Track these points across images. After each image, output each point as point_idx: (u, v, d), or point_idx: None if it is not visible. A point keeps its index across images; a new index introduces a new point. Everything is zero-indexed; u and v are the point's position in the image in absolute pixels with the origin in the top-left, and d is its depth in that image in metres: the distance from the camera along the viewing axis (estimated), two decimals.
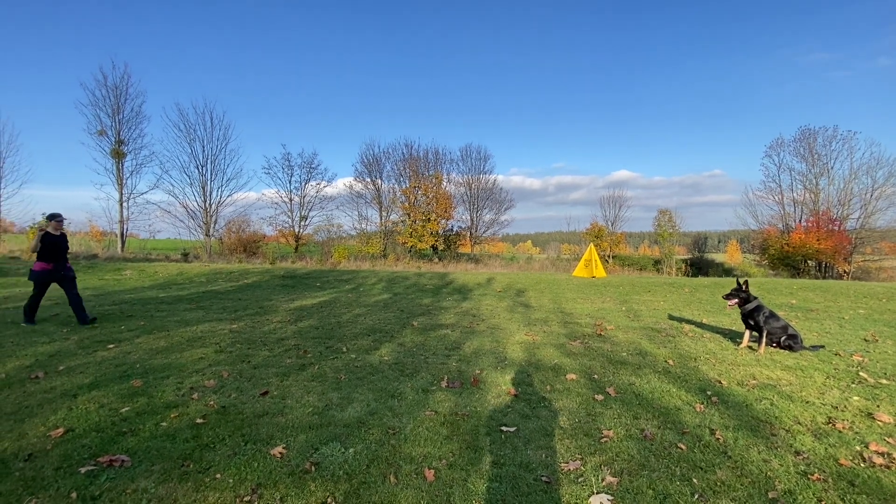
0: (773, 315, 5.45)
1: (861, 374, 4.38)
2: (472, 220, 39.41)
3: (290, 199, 31.61)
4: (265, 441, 3.08)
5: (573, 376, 4.40)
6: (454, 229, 36.73)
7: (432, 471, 2.71)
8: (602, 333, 6.36)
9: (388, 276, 15.55)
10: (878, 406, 3.59)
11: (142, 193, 27.12)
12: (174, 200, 26.61)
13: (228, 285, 11.74)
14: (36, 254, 6.12)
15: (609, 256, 37.18)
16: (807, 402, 3.68)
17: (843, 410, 3.53)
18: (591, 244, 17.74)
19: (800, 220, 32.66)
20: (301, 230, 31.59)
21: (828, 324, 7.04)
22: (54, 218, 6.15)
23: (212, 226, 26.70)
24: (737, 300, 5.61)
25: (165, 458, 2.85)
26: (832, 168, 31.04)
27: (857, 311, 8.16)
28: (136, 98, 23.56)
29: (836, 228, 30.30)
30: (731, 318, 7.39)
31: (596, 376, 4.42)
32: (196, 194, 26.67)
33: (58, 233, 6.22)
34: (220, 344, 5.57)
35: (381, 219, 34.12)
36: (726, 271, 35.02)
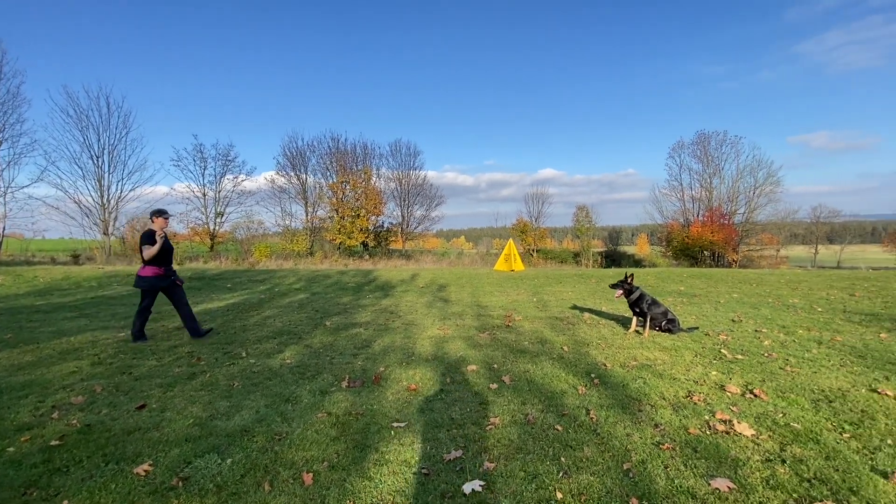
0: (655, 302, 5.98)
1: (723, 351, 4.96)
2: (403, 215, 39.29)
3: (204, 194, 29.40)
4: (130, 459, 2.83)
5: (474, 367, 4.53)
6: (385, 225, 36.33)
7: (311, 474, 2.65)
8: (510, 324, 6.62)
9: (308, 274, 15.06)
10: (730, 379, 4.09)
11: (22, 187, 23.82)
12: (64, 195, 23.59)
13: (124, 290, 10.67)
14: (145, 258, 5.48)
15: (534, 250, 38.85)
16: (674, 379, 4.10)
17: (701, 385, 3.97)
18: (510, 239, 18.43)
19: (697, 215, 36.42)
20: (217, 227, 29.50)
21: (706, 307, 7.89)
22: (161, 214, 5.62)
23: (111, 224, 24.02)
24: (622, 291, 6.09)
25: (4, 488, 2.51)
26: (723, 168, 34.98)
27: (731, 296, 9.24)
28: (12, 78, 20.57)
29: (727, 222, 34.21)
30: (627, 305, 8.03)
31: (496, 366, 4.59)
32: (91, 189, 23.89)
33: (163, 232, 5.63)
34: (99, 356, 5.05)
35: (307, 215, 32.86)
36: (636, 262, 38.13)
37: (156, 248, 5.57)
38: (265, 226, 31.66)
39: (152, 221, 5.76)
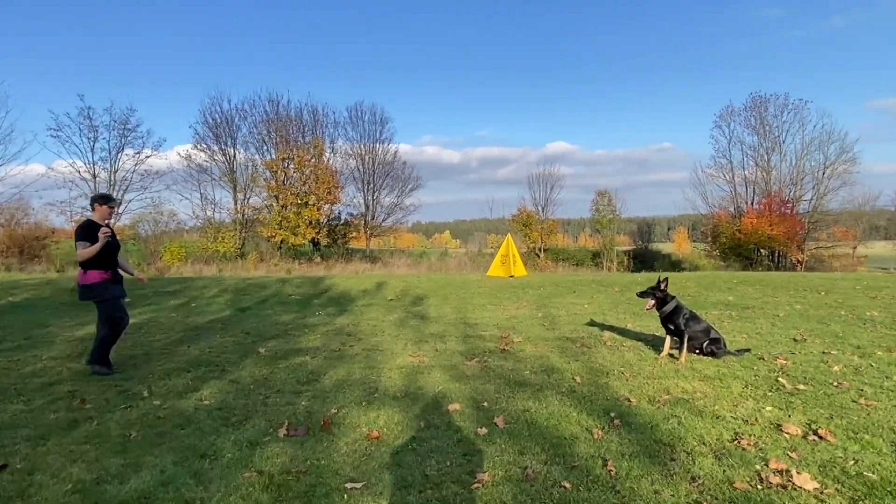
0: (693, 317, 6.10)
1: (780, 379, 5.09)
2: (366, 204, 39.16)
3: (94, 175, 28.82)
4: None
5: (458, 406, 4.55)
6: (342, 217, 36.30)
7: None
8: (507, 348, 6.74)
9: (237, 284, 14.96)
10: (789, 416, 4.19)
11: None
12: None
13: None
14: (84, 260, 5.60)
15: (540, 250, 39.25)
16: (717, 418, 4.19)
17: (752, 424, 4.06)
18: (509, 235, 18.57)
19: (751, 203, 37.31)
20: (112, 221, 28.97)
21: (760, 323, 8.10)
22: (106, 202, 5.79)
23: None
24: (653, 301, 6.19)
25: None
26: (783, 142, 35.81)
27: (793, 307, 9.50)
28: None
29: (789, 212, 35.03)
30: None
31: (486, 404, 4.62)
32: None
33: (106, 223, 5.84)
34: None
35: (236, 203, 32.55)
36: (673, 264, 38.91)
37: (96, 247, 5.58)
38: (179, 219, 31.22)
39: (93, 210, 5.78)
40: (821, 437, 3.79)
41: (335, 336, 7.91)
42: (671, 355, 6.12)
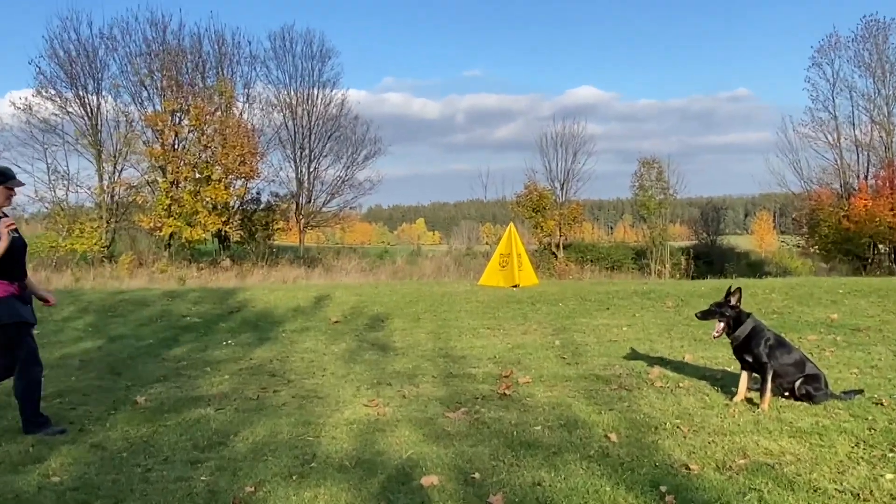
0: (781, 344, 6.21)
1: None
2: (299, 179, 39.06)
3: None
4: None
5: (435, 480, 4.56)
6: (263, 199, 36.21)
7: None
8: (508, 392, 6.84)
9: (103, 301, 14.88)
10: None
11: None
12: None
13: None
14: None
15: (558, 246, 39.56)
16: (815, 490, 4.26)
17: (866, 500, 4.14)
18: (511, 225, 18.67)
19: (865, 176, 38.04)
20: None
21: (879, 351, 8.28)
22: (5, 179, 5.92)
23: None
24: (722, 323, 6.28)
25: None
26: None
27: None
28: None
29: None
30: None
31: (477, 475, 4.64)
32: None
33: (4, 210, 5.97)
34: None
35: (101, 179, 32.19)
36: (753, 266, 39.61)
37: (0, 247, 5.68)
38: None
39: None
40: None
41: (252, 377, 7.86)
42: (749, 400, 6.20)
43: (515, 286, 16.36)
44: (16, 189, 6.00)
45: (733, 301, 6.26)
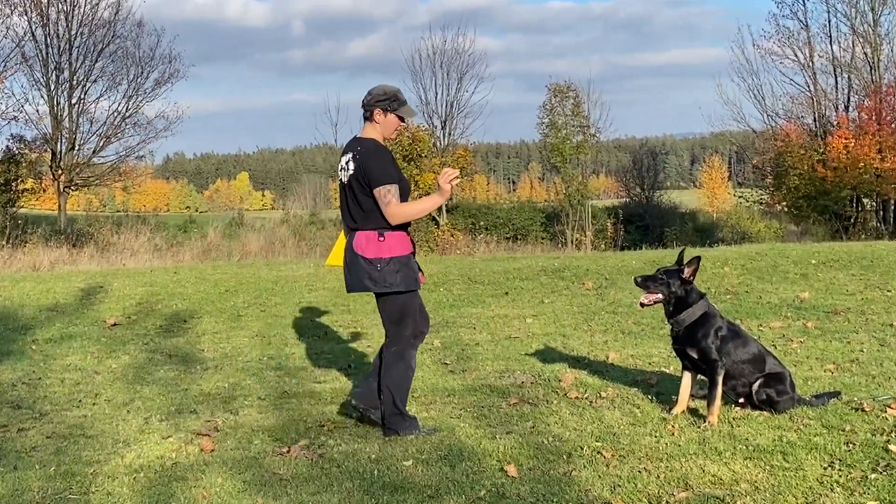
0: (735, 334, 6.43)
1: (892, 447, 5.49)
2: (56, 116, 37.45)
3: None
4: None
5: None
6: (0, 146, 34.68)
7: None
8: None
9: None
10: None
11: None
12: None
13: None
14: None
15: (439, 208, 39.64)
16: None
17: None
18: None
19: (845, 108, 39.75)
20: None
21: (860, 340, 8.70)
22: (398, 106, 6.73)
23: None
24: (659, 295, 6.41)
25: None
26: None
27: None
28: None
29: None
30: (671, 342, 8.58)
31: None
32: None
33: None
34: None
35: None
36: (701, 231, 41.04)
37: None
38: None
39: None
40: None
41: None
42: (692, 411, 6.41)
43: None
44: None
45: (687, 273, 6.37)
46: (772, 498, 4.81)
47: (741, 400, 6.40)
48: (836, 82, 39.04)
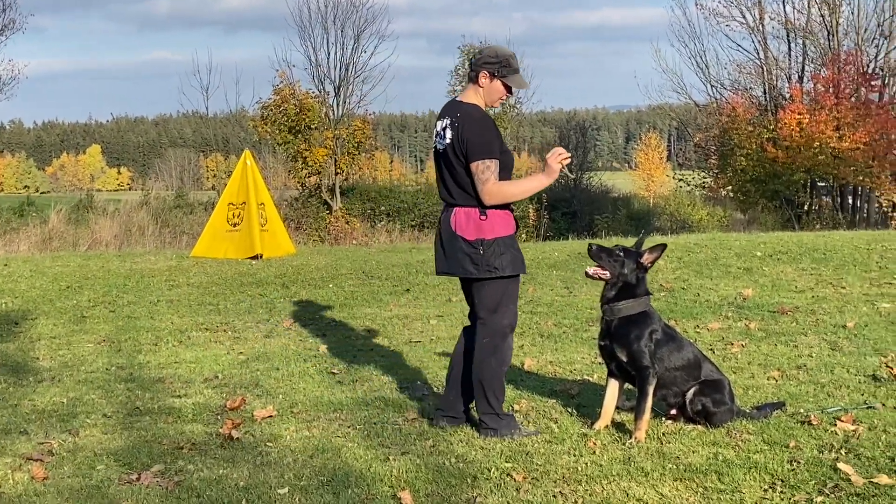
0: (669, 337, 6.54)
1: (842, 466, 5.61)
2: None
3: None
4: None
5: None
6: None
7: None
8: (236, 434, 6.72)
9: None
10: None
11: None
12: None
13: None
14: None
15: (332, 190, 39.55)
16: None
17: None
18: (248, 153, 18.37)
19: (798, 78, 40.38)
20: None
21: (809, 344, 8.89)
22: (508, 73, 6.85)
23: None
24: (608, 274, 6.49)
25: None
26: None
27: (876, 306, 10.59)
28: None
29: (876, 98, 38.07)
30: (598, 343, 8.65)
31: None
32: None
33: None
34: None
35: None
36: (636, 220, 41.54)
37: None
38: None
39: None
40: None
41: None
42: (618, 425, 6.47)
43: (256, 257, 16.24)
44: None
45: (647, 259, 6.49)
46: None
47: (673, 412, 6.51)
48: (790, 49, 39.76)
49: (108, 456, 6.36)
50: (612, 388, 6.57)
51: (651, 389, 6.29)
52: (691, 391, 6.40)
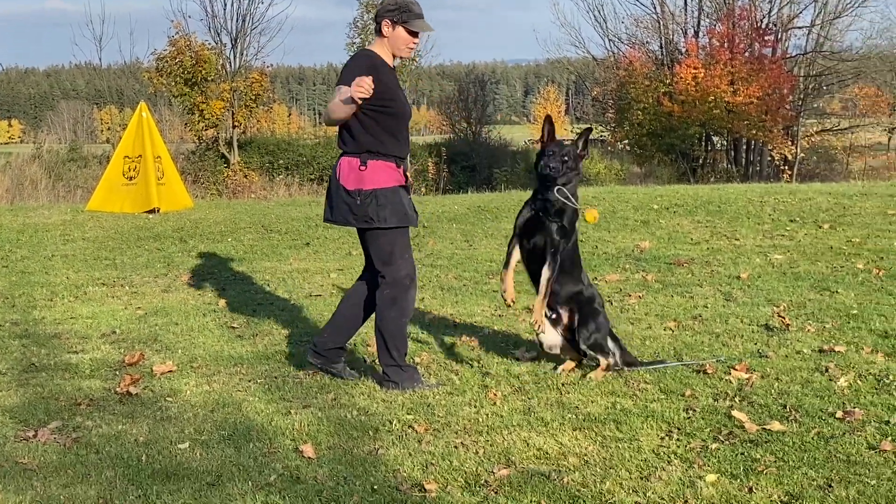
0: (574, 263, 7.16)
1: (736, 413, 5.73)
2: None
3: None
4: None
5: None
6: None
7: None
8: (135, 390, 6.70)
9: None
10: (750, 492, 4.73)
11: None
12: None
13: None
14: None
15: (229, 144, 39.14)
16: None
17: None
18: (143, 105, 18.11)
19: (695, 32, 41.00)
20: None
21: (704, 294, 9.11)
22: (409, 18, 6.84)
23: None
24: (560, 164, 6.91)
25: None
26: None
27: (768, 259, 10.82)
28: None
29: (769, 53, 38.97)
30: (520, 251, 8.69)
31: None
32: None
33: None
34: None
35: None
36: (534, 173, 41.38)
37: None
38: None
39: None
40: None
41: None
42: (516, 377, 6.56)
43: (153, 211, 16.03)
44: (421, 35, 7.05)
45: (580, 146, 7.03)
46: (602, 473, 4.95)
47: (578, 353, 6.75)
48: (686, 3, 40.37)
49: (4, 413, 6.32)
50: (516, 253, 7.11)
51: (556, 268, 6.86)
52: (589, 332, 6.71)
